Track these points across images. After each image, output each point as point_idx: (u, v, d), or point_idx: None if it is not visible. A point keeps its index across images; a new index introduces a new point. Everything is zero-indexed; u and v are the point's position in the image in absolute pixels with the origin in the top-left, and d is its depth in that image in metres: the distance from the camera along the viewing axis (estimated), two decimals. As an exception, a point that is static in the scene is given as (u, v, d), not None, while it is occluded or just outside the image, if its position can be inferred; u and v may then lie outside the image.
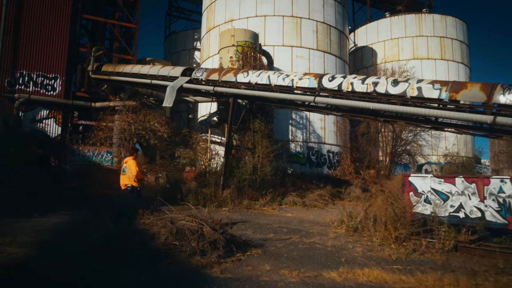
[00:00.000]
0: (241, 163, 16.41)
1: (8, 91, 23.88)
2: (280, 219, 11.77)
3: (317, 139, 24.31)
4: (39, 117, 24.87)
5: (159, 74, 19.98)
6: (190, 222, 5.87)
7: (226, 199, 14.71)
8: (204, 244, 5.49)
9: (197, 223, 5.86)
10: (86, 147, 25.13)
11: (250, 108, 17.81)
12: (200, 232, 5.66)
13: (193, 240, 5.46)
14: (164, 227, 5.69)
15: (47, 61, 25.04)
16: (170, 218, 6.16)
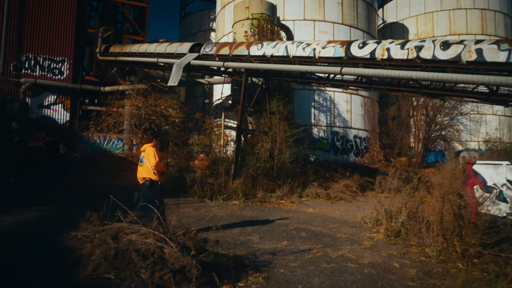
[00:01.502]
0: (255, 149, 14.04)
1: (14, 76, 22.26)
2: (299, 216, 9.39)
3: (343, 123, 21.61)
4: (46, 102, 23.20)
5: (166, 51, 17.75)
6: (145, 238, 3.58)
7: (237, 190, 12.43)
8: (164, 274, 3.21)
9: (154, 240, 3.56)
10: (96, 134, 23.32)
11: (266, 87, 15.32)
12: (158, 255, 3.38)
13: (144, 269, 3.20)
14: (100, 246, 3.44)
15: (54, 44, 23.23)
16: (116, 229, 3.84)
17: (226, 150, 18.19)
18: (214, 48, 15.36)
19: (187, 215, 8.83)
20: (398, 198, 8.13)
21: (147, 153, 6.69)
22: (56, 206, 9.60)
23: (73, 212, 8.39)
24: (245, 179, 13.32)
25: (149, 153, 6.65)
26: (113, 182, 15.14)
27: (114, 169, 18.50)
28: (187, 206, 10.70)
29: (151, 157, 6.59)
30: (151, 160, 6.58)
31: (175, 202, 11.36)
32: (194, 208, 10.40)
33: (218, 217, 8.77)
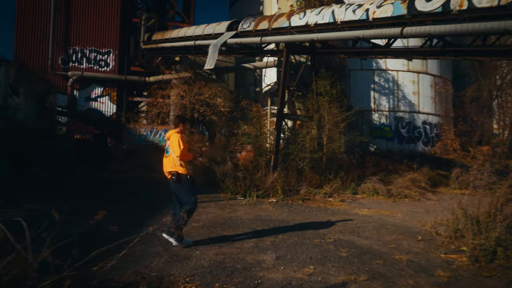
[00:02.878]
0: (299, 137, 11.91)
1: (62, 69, 22.17)
2: (346, 221, 7.16)
3: (409, 107, 18.53)
4: (93, 95, 22.88)
5: (204, 33, 16.15)
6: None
7: (275, 186, 10.43)
8: None
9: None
10: (142, 126, 22.60)
11: (312, 64, 13.04)
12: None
13: None
14: None
15: (100, 35, 22.79)
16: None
17: (270, 139, 16.24)
18: (252, 23, 13.41)
19: (202, 217, 7.05)
20: (487, 198, 5.63)
21: (171, 141, 5.33)
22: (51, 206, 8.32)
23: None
24: (288, 172, 11.29)
25: (174, 140, 5.27)
26: (152, 175, 13.84)
27: (156, 161, 17.40)
28: (212, 204, 8.94)
29: (176, 145, 5.22)
30: (176, 149, 5.21)
31: (201, 199, 9.67)
32: (220, 207, 8.60)
33: (239, 221, 6.86)
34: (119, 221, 5.73)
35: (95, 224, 3.35)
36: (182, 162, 5.24)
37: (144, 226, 5.78)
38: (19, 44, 21.68)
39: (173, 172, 5.22)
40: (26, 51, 21.71)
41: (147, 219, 6.75)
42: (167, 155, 5.38)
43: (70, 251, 2.84)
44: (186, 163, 5.33)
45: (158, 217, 6.94)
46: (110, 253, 3.17)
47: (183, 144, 5.23)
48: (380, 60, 18.29)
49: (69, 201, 8.02)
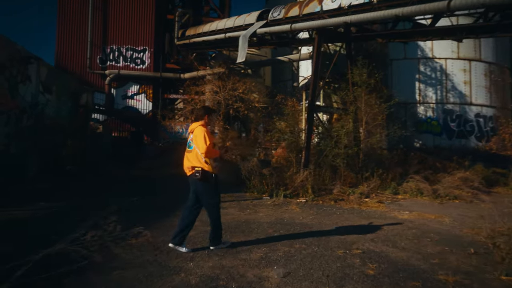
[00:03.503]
0: (332, 131, 10.87)
1: (100, 68, 22.42)
2: (382, 226, 6.11)
3: (459, 99, 16.72)
4: (130, 93, 22.98)
5: (235, 25, 15.46)
6: None
7: (305, 184, 9.47)
8: None
9: None
10: (178, 123, 22.37)
11: (348, 52, 11.88)
12: None
13: None
14: None
15: (135, 33, 22.82)
16: None
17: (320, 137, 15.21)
18: (282, 11, 12.50)
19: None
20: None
21: (195, 135, 4.68)
22: (62, 204, 7.92)
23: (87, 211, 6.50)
24: (321, 170, 10.30)
25: (198, 134, 4.61)
26: (180, 172, 13.37)
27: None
28: (234, 204, 8.18)
29: (201, 140, 4.55)
30: (201, 144, 4.55)
31: (224, 198, 8.95)
32: (241, 208, 7.81)
33: (255, 225, 6.02)
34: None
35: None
36: (207, 158, 4.59)
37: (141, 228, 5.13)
38: (60, 45, 22.17)
39: (197, 169, 4.59)
40: (67, 51, 22.15)
41: (152, 220, 6.11)
42: (189, 150, 4.72)
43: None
44: (211, 160, 4.65)
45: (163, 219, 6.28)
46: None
47: (210, 139, 4.56)
48: (426, 48, 16.68)
49: (78, 200, 7.65)
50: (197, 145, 4.56)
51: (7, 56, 10.75)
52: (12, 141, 10.97)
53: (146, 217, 6.44)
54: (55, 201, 7.72)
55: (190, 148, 4.72)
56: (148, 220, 6.15)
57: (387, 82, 15.50)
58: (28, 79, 12.05)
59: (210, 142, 4.55)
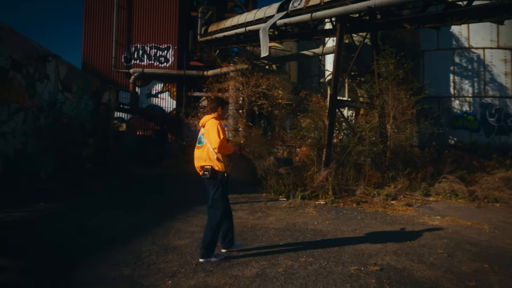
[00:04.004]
0: (356, 126, 10.00)
1: (124, 67, 22.38)
2: (407, 236, 5.27)
3: (499, 92, 15.27)
4: (154, 91, 22.83)
5: (256, 18, 14.80)
6: None
7: (326, 185, 8.67)
8: None
9: None
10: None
11: (373, 42, 10.92)
12: None
13: None
14: None
15: (159, 31, 22.63)
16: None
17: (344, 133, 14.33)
18: (303, 0, 11.72)
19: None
20: None
21: (207, 129, 4.17)
22: (64, 205, 7.53)
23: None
24: (344, 168, 9.48)
25: (211, 128, 4.11)
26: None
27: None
28: (246, 207, 7.54)
29: (214, 134, 4.04)
30: (214, 138, 4.03)
31: (237, 199, 8.33)
32: (252, 210, 7.15)
33: (261, 232, 5.34)
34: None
35: None
36: (220, 155, 4.08)
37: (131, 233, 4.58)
38: (86, 45, 22.31)
39: (206, 167, 4.09)
40: (93, 51, 22.27)
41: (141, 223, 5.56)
42: (200, 145, 4.22)
43: None
44: (224, 157, 4.12)
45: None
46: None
47: (223, 133, 4.07)
48: (462, 37, 15.35)
49: (83, 201, 7.17)
50: (209, 140, 4.04)
51: (24, 54, 10.60)
52: (30, 140, 10.84)
53: (143, 219, 5.92)
54: (59, 201, 7.35)
55: (200, 143, 4.21)
56: (144, 223, 5.62)
57: (418, 75, 14.36)
58: (46, 77, 11.90)
59: (223, 136, 4.03)
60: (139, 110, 22.08)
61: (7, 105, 9.90)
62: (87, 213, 6.43)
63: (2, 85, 9.62)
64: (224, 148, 4.02)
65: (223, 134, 4.05)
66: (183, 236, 4.96)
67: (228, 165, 4.17)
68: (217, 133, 3.98)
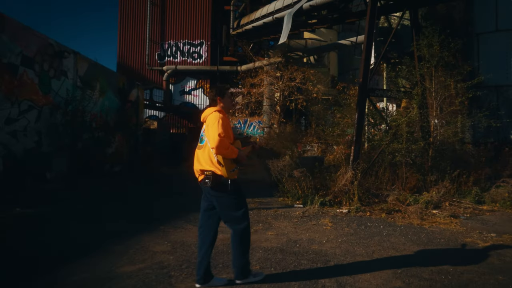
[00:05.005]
0: (389, 120, 8.42)
1: (158, 64, 22.00)
2: (442, 267, 3.83)
3: None
4: (187, 88, 22.24)
5: (284, 4, 13.57)
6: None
7: (350, 190, 7.24)
8: None
9: None
10: (237, 118, 21.07)
11: (413, 20, 9.18)
12: None
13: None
14: None
15: (192, 27, 21.98)
16: None
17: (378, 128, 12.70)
18: (331, -21, 10.27)
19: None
20: None
21: (207, 124, 3.23)
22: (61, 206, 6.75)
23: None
24: (376, 169, 7.98)
25: (211, 123, 3.15)
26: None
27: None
28: (250, 215, 6.36)
29: (212, 130, 3.08)
30: (212, 135, 3.07)
31: (249, 206, 7.20)
32: (254, 220, 5.93)
33: (256, 251, 4.15)
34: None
35: None
36: (220, 158, 3.12)
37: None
38: (121, 44, 22.19)
39: (207, 173, 3.16)
40: (127, 49, 22.10)
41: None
42: (201, 145, 3.31)
43: None
44: (227, 161, 3.15)
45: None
46: None
47: (224, 129, 3.08)
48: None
49: (69, 206, 6.28)
50: (208, 137, 3.11)
51: (36, 50, 10.17)
52: (44, 138, 10.43)
53: (112, 232, 4.94)
54: (42, 206, 6.62)
55: (201, 143, 3.30)
56: (109, 238, 4.62)
57: (472, 61, 12.28)
58: (63, 73, 11.45)
59: (224, 134, 3.04)
60: (172, 108, 21.59)
61: (17, 103, 9.49)
62: (57, 223, 5.59)
63: (11, 82, 9.21)
64: (224, 148, 3.03)
65: (225, 131, 3.05)
66: (140, 258, 3.88)
67: (235, 169, 3.21)
68: (216, 128, 3.00)
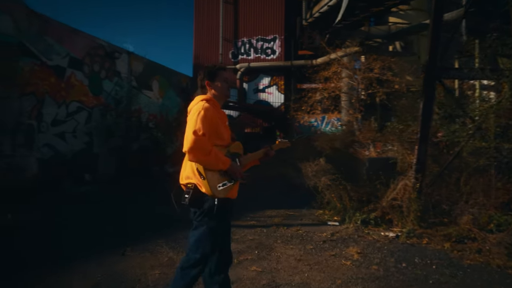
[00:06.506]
0: (470, 109, 6.10)
1: (232, 63, 21.45)
2: None
3: None
4: (261, 86, 21.26)
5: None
6: None
7: (403, 205, 5.23)
8: None
9: None
10: (312, 116, 19.43)
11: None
12: None
13: None
14: None
15: (265, 22, 20.94)
16: None
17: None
18: None
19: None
20: None
21: (188, 119, 2.23)
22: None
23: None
24: (448, 177, 5.80)
25: (190, 117, 2.21)
26: (288, 172, 10.57)
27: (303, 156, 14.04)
28: (264, 236, 4.91)
29: (188, 126, 2.14)
30: (186, 135, 2.11)
31: (269, 219, 5.75)
32: (257, 243, 4.50)
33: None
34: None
35: None
36: (200, 167, 2.14)
37: None
38: (196, 44, 22.20)
39: (189, 185, 2.21)
40: (202, 49, 22.00)
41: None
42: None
43: None
44: (215, 173, 2.18)
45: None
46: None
47: (205, 126, 2.12)
48: None
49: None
50: (185, 137, 2.12)
51: (86, 52, 10.11)
52: (94, 139, 10.35)
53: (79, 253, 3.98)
54: (46, 212, 6.08)
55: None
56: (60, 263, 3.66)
57: None
58: (117, 74, 11.34)
59: (203, 130, 2.09)
60: (245, 107, 20.79)
61: (65, 104, 9.47)
62: (54, 231, 4.91)
63: (58, 84, 9.21)
64: (201, 153, 2.09)
65: (207, 127, 2.10)
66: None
67: (224, 185, 2.18)
68: (193, 124, 2.09)
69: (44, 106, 8.77)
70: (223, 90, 2.41)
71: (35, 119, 8.42)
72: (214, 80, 2.37)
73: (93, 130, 10.34)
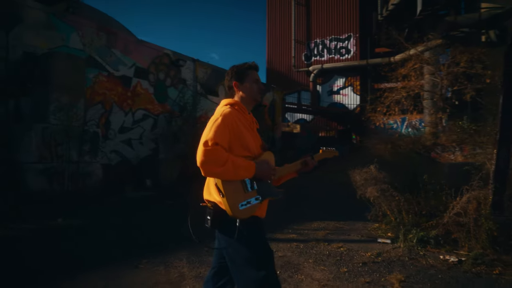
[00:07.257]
0: None
1: (305, 65, 20.92)
2: None
3: None
4: (335, 87, 20.35)
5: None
6: None
7: (470, 223, 4.21)
8: None
9: None
10: (391, 118, 17.98)
11: None
12: None
13: None
14: None
15: (338, 20, 20.03)
16: None
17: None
18: None
19: None
20: None
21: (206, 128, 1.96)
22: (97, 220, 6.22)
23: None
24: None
25: (207, 126, 1.90)
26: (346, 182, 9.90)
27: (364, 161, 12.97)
28: (296, 253, 4.38)
29: (202, 137, 1.83)
30: (198, 149, 1.78)
31: (312, 232, 5.17)
32: (299, 261, 4.00)
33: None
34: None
35: None
36: (220, 182, 1.81)
37: None
38: (269, 49, 22.14)
39: (209, 204, 1.93)
40: (275, 53, 21.85)
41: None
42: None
43: None
44: (238, 188, 1.85)
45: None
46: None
47: (219, 135, 1.80)
48: None
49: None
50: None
51: (151, 61, 10.54)
52: (160, 145, 10.70)
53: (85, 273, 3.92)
54: (99, 217, 6.28)
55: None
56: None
57: None
58: (182, 81, 11.64)
59: (218, 139, 1.78)
60: (319, 110, 20.07)
61: (131, 112, 9.95)
62: (88, 238, 5.01)
63: (124, 93, 9.71)
64: (215, 164, 1.75)
65: (222, 136, 1.81)
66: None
67: (247, 204, 1.86)
68: (207, 133, 1.81)
69: (112, 114, 9.25)
70: (253, 92, 2.06)
71: (103, 126, 8.91)
72: (243, 81, 2.06)
73: (159, 137, 10.68)
